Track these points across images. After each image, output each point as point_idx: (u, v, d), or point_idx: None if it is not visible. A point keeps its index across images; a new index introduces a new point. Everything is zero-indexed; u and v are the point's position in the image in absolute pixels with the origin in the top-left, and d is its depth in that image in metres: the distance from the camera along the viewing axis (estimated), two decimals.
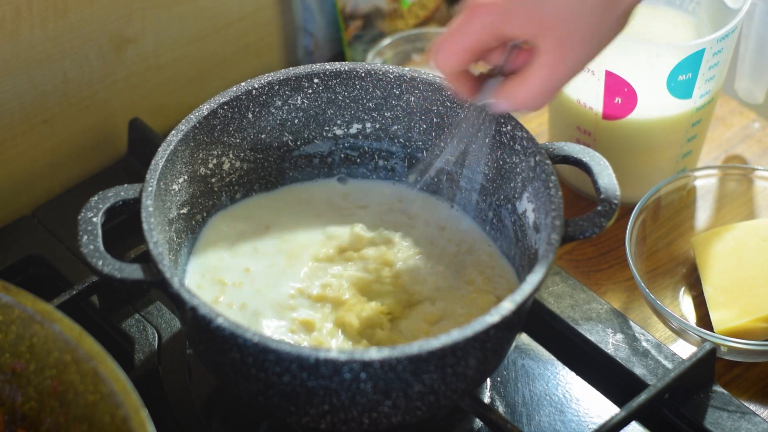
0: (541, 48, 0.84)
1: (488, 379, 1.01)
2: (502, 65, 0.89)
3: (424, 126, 1.03)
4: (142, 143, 1.15)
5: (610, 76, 1.07)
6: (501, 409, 0.99)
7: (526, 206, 0.97)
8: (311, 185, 1.05)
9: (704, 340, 1.01)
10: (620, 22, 0.84)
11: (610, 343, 1.01)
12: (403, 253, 1.00)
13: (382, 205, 1.04)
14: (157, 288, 0.89)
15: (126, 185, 0.93)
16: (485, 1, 0.83)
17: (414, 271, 0.98)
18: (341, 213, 1.03)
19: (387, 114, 1.03)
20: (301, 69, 1.01)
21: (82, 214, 0.91)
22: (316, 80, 1.01)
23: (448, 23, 1.30)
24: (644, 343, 1.01)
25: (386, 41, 1.25)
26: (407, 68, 1.01)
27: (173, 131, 0.97)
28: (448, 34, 0.86)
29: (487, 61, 0.89)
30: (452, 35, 0.86)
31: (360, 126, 1.04)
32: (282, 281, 0.97)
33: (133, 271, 0.88)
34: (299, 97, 1.02)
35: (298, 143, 1.04)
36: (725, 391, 0.98)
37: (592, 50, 0.85)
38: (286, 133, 1.03)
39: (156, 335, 1.01)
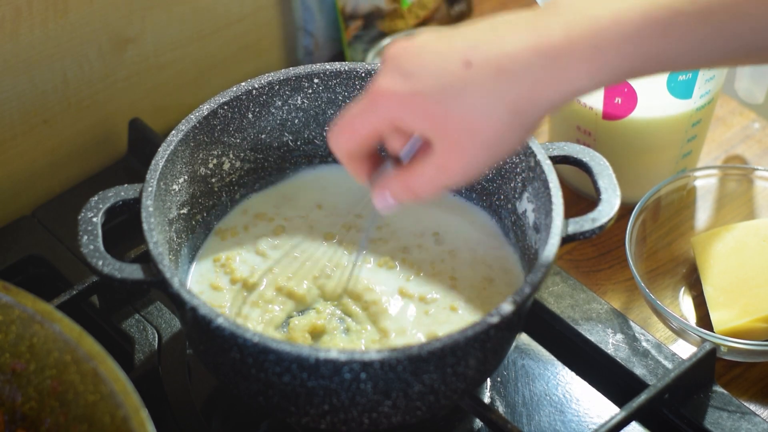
0: (435, 146, 0.81)
1: (488, 379, 1.01)
2: (401, 153, 0.85)
3: None
4: (142, 143, 1.15)
5: None
6: (501, 409, 0.99)
7: (526, 206, 0.97)
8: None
9: (704, 340, 1.01)
10: (528, 129, 0.80)
11: (610, 343, 1.01)
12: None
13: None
14: (157, 288, 0.89)
15: (126, 185, 0.93)
16: (388, 89, 0.80)
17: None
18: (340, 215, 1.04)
19: None
20: (301, 69, 1.01)
21: (82, 214, 0.91)
22: (316, 80, 1.01)
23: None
24: (644, 343, 1.01)
25: (386, 41, 1.25)
26: None
27: (173, 131, 0.97)
28: (347, 119, 0.83)
29: (388, 146, 0.86)
30: (351, 120, 0.83)
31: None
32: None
33: (133, 271, 0.89)
34: (299, 97, 1.02)
35: (299, 143, 1.04)
36: (725, 391, 0.98)
37: (491, 157, 0.81)
38: (286, 133, 1.03)
39: (156, 335, 1.01)
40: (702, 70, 1.06)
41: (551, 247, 0.89)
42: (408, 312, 0.96)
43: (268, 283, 0.97)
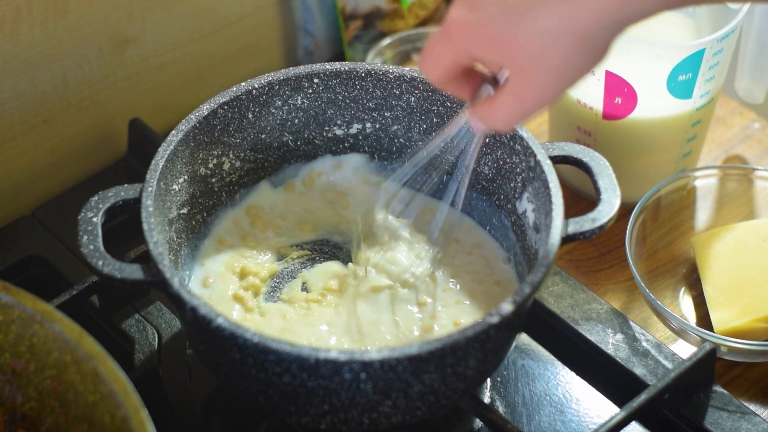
0: (509, 76, 0.82)
1: (488, 379, 1.01)
2: (496, 76, 0.87)
3: (424, 126, 1.03)
4: (142, 143, 1.15)
5: (610, 76, 1.07)
6: (501, 409, 0.99)
7: (526, 206, 0.97)
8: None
9: (704, 340, 1.01)
10: (596, 54, 0.80)
11: (610, 343, 1.01)
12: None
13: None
14: (157, 288, 0.89)
15: (126, 185, 0.93)
16: (459, 19, 0.81)
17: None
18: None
19: (387, 114, 1.03)
20: (301, 69, 1.01)
21: (82, 214, 0.91)
22: (316, 80, 1.01)
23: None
24: (644, 343, 1.01)
25: (386, 41, 1.25)
26: (407, 68, 1.01)
27: (173, 131, 0.97)
28: (428, 48, 0.85)
29: (486, 69, 0.87)
30: (431, 50, 0.85)
31: (360, 126, 1.04)
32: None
33: (133, 271, 0.89)
34: (299, 97, 1.02)
35: (299, 143, 1.04)
36: (725, 391, 0.98)
37: (563, 84, 0.81)
38: (286, 133, 1.03)
39: (156, 335, 1.01)
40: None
41: (551, 247, 0.89)
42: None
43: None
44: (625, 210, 1.08)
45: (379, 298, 0.97)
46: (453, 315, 0.97)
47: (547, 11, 0.78)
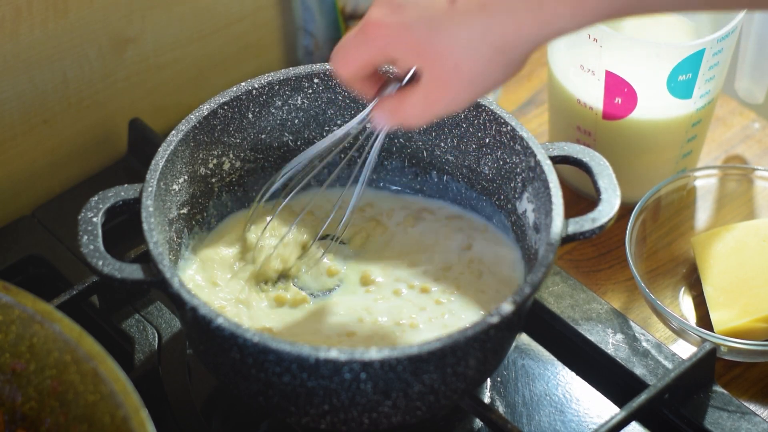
0: (422, 78, 0.83)
1: (488, 379, 1.01)
2: (403, 76, 0.88)
3: (424, 126, 1.03)
4: (142, 143, 1.15)
5: (610, 76, 1.07)
6: (501, 409, 0.99)
7: (526, 206, 0.97)
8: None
9: (704, 340, 1.01)
10: (512, 67, 0.82)
11: (610, 343, 1.01)
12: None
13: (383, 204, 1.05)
14: (157, 288, 0.89)
15: (126, 185, 0.93)
16: (377, 20, 0.83)
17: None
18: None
19: None
20: (301, 69, 1.01)
21: (82, 214, 0.91)
22: (316, 80, 1.01)
23: None
24: (644, 343, 1.01)
25: None
26: None
27: (173, 131, 0.97)
28: (342, 47, 0.86)
29: (393, 68, 0.89)
30: (347, 48, 0.86)
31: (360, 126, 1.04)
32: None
33: (133, 271, 0.88)
34: (299, 97, 1.02)
35: (299, 143, 1.04)
36: (725, 391, 0.98)
37: (476, 91, 0.83)
38: (286, 133, 1.03)
39: (156, 335, 1.01)
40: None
41: (551, 247, 0.89)
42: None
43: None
44: (625, 210, 1.08)
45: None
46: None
47: (468, 23, 0.80)
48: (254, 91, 1.00)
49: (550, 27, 0.80)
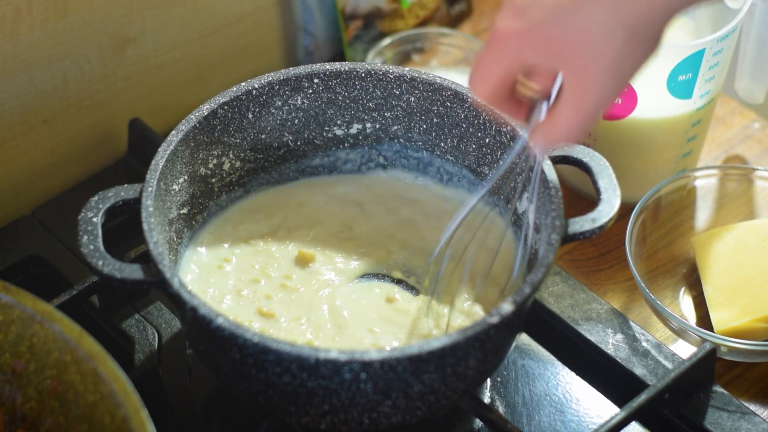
0: (565, 82, 0.80)
1: (488, 379, 1.01)
2: (549, 92, 0.85)
3: (424, 126, 1.03)
4: (142, 143, 1.15)
5: None
6: (501, 409, 0.99)
7: (526, 206, 0.97)
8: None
9: (704, 340, 1.01)
10: (650, 45, 0.79)
11: (610, 343, 1.01)
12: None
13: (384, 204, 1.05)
14: (157, 288, 0.89)
15: (126, 185, 0.93)
16: (507, 28, 0.80)
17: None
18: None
19: (387, 114, 1.03)
20: (301, 69, 1.01)
21: (82, 214, 0.91)
22: (316, 80, 1.01)
23: (447, 23, 1.31)
24: (644, 343, 1.01)
25: (386, 41, 1.25)
26: (407, 68, 1.01)
27: (173, 131, 0.97)
28: (477, 63, 0.83)
29: (536, 83, 0.85)
30: (480, 64, 0.83)
31: (360, 126, 1.04)
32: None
33: (133, 271, 0.89)
34: (299, 97, 1.02)
35: (299, 143, 1.04)
36: (725, 391, 0.98)
37: (620, 80, 0.80)
38: (286, 134, 1.03)
39: (156, 335, 1.01)
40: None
41: (551, 247, 0.89)
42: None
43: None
44: (625, 210, 1.08)
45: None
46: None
47: (595, 7, 0.77)
48: (254, 91, 1.00)
49: None
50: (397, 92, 1.02)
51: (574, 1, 0.78)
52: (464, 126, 1.00)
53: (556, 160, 0.96)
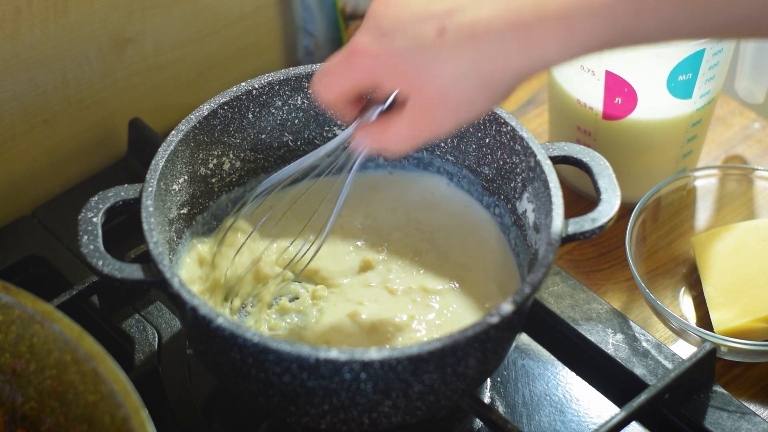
0: (408, 104, 0.83)
1: (488, 379, 1.01)
2: (385, 100, 0.87)
3: None
4: (142, 143, 1.15)
5: (610, 76, 1.07)
6: (501, 409, 0.99)
7: (526, 206, 0.97)
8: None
9: (704, 340, 1.01)
10: (498, 97, 0.82)
11: (610, 343, 1.01)
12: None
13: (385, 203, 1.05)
14: (157, 288, 0.89)
15: (126, 185, 0.93)
16: (367, 48, 0.82)
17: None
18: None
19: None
20: (301, 69, 1.01)
21: (82, 214, 0.91)
22: None
23: None
24: (644, 343, 1.01)
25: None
26: None
27: (173, 131, 0.97)
28: (327, 69, 0.85)
29: (374, 94, 0.88)
30: (330, 71, 0.85)
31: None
32: None
33: (133, 271, 0.89)
34: (299, 97, 1.02)
35: (299, 143, 1.04)
36: (725, 391, 0.98)
37: (461, 119, 0.83)
38: (286, 134, 1.03)
39: (156, 335, 1.01)
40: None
41: (551, 248, 0.89)
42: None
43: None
44: (625, 210, 1.08)
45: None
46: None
47: (457, 55, 0.79)
48: (254, 91, 1.00)
49: (539, 59, 0.79)
50: None
51: (437, 43, 0.80)
52: (464, 126, 1.00)
53: (556, 160, 0.96)
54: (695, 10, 0.77)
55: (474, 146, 1.01)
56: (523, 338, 1.04)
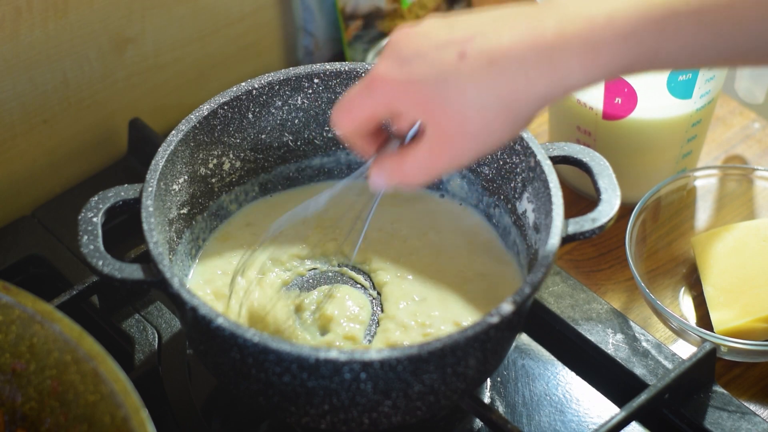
0: (427, 132, 0.81)
1: (488, 379, 1.01)
2: (405, 134, 0.86)
3: None
4: (142, 143, 1.16)
5: None
6: (501, 409, 0.99)
7: (526, 206, 0.97)
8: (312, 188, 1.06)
9: (704, 340, 1.01)
10: (519, 124, 0.80)
11: (610, 343, 1.01)
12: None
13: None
14: (157, 288, 0.89)
15: (126, 185, 0.93)
16: (385, 75, 0.81)
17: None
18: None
19: None
20: (301, 69, 1.01)
21: (82, 214, 0.91)
22: (316, 80, 1.01)
23: None
24: (644, 343, 1.01)
25: (386, 41, 1.25)
26: None
27: (173, 131, 0.97)
28: (346, 101, 0.84)
29: (394, 127, 0.86)
30: (350, 102, 0.84)
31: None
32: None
33: (133, 271, 0.89)
34: (299, 97, 1.02)
35: (299, 143, 1.04)
36: (725, 391, 0.98)
37: (482, 149, 0.81)
38: (286, 134, 1.03)
39: (156, 335, 1.01)
40: (701, 69, 1.06)
41: (551, 247, 0.89)
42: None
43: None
44: (625, 210, 1.08)
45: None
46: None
47: (477, 80, 0.78)
48: (254, 91, 1.00)
49: (561, 84, 0.78)
50: None
51: (457, 68, 0.78)
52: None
53: (556, 160, 0.96)
54: (718, 37, 0.77)
55: None
56: (523, 338, 1.04)
